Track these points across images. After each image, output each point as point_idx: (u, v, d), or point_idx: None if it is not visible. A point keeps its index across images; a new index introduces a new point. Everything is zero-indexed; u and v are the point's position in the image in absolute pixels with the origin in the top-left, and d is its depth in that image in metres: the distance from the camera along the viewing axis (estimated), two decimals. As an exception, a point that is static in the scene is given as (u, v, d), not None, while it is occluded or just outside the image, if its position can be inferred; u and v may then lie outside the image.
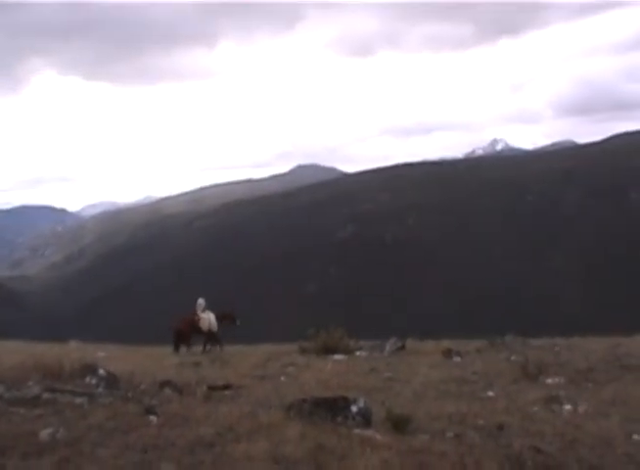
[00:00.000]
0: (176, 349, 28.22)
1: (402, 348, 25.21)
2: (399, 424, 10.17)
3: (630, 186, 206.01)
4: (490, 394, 14.52)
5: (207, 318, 28.56)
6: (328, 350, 24.21)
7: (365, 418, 10.28)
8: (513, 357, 20.25)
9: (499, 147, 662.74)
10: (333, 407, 10.27)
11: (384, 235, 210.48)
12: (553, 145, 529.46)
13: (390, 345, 25.12)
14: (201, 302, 29.39)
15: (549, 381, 16.17)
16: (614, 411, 12.30)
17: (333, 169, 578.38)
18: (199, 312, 28.77)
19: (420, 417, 11.20)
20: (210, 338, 28.75)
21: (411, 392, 14.70)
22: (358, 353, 24.19)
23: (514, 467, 8.70)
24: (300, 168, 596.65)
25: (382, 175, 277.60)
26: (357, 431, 9.66)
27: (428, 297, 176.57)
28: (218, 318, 29.21)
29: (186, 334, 28.45)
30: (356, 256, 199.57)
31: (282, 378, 17.44)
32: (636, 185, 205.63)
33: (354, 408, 10.30)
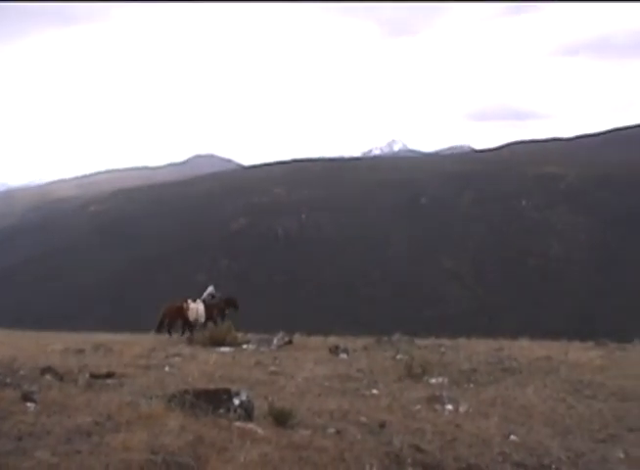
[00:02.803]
0: (159, 330, 28.72)
1: (289, 342, 25.25)
2: (281, 418, 10.14)
3: (522, 193, 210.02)
4: (374, 391, 14.61)
5: (196, 309, 28.71)
6: (215, 342, 24.11)
7: (247, 411, 10.21)
8: (399, 356, 20.43)
9: (397, 148, 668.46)
10: (215, 399, 10.17)
11: (276, 229, 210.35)
12: (450, 149, 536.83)
13: (278, 339, 25.13)
14: (210, 290, 30.31)
15: (433, 381, 16.36)
16: (493, 412, 12.52)
17: (230, 161, 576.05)
18: (189, 301, 28.95)
19: (302, 412, 11.21)
20: (198, 327, 28.76)
21: (295, 387, 14.70)
22: (245, 347, 24.13)
23: (393, 464, 8.75)
24: (197, 158, 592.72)
25: (278, 169, 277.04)
26: (238, 424, 9.57)
27: (318, 292, 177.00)
28: (221, 305, 29.86)
29: (170, 320, 28.74)
30: (248, 248, 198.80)
31: (166, 368, 17.27)
32: (528, 192, 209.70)
33: (236, 401, 10.22)
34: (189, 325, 28.80)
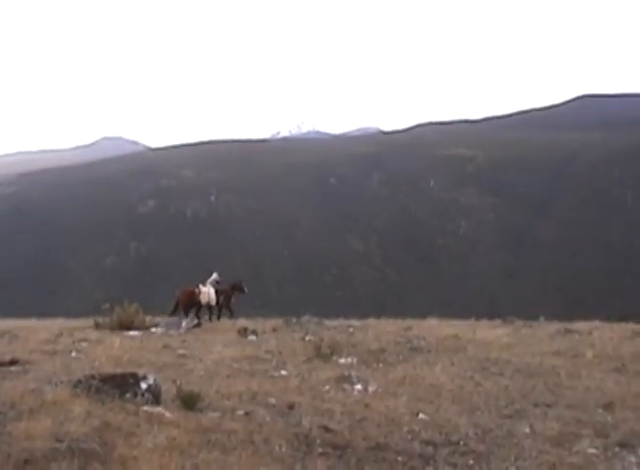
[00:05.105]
0: (173, 314, 29.15)
1: (198, 325, 25.21)
2: (189, 401, 10.06)
3: (430, 174, 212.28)
4: (283, 372, 14.61)
5: (207, 292, 29.53)
6: (123, 325, 23.88)
7: (154, 395, 10.10)
8: (308, 337, 20.50)
9: (305, 129, 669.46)
10: (121, 384, 10.03)
11: (185, 211, 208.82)
12: (358, 130, 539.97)
13: (187, 322, 25.06)
14: (215, 276, 31.09)
15: (342, 361, 16.44)
16: (402, 391, 12.63)
17: (137, 143, 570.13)
18: (200, 286, 29.75)
19: (211, 395, 11.14)
20: (209, 310, 30.03)
21: (203, 369, 14.63)
22: (154, 330, 23.97)
23: (302, 445, 8.76)
24: (105, 141, 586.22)
25: (186, 151, 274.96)
26: (146, 408, 9.47)
27: (228, 275, 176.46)
28: (228, 290, 30.88)
29: (184, 304, 29.38)
30: (157, 231, 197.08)
31: (72, 354, 17.02)
32: (436, 173, 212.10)
33: (144, 385, 10.09)
34: (200, 308, 29.80)
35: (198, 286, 29.80)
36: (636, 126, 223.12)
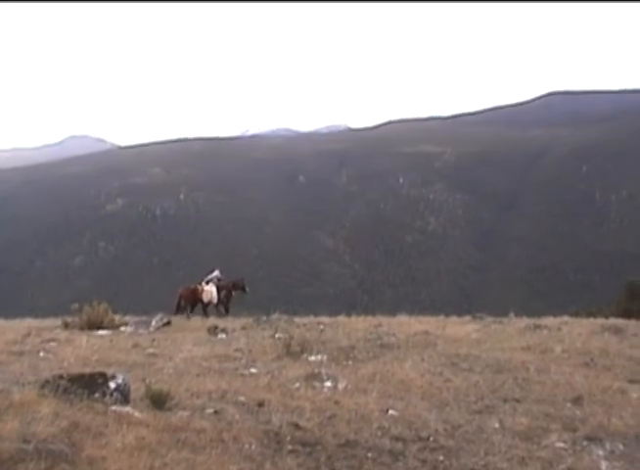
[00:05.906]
0: (177, 312, 29.54)
1: (168, 324, 25.10)
2: (158, 400, 10.01)
3: (399, 171, 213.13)
4: (253, 370, 14.58)
5: (210, 291, 30.26)
6: (92, 325, 23.76)
7: (123, 395, 10.01)
8: (277, 335, 20.49)
9: (275, 127, 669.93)
10: (90, 384, 9.93)
11: (154, 210, 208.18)
12: (327, 128, 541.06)
13: (157, 321, 24.96)
14: (216, 273, 31.68)
15: (312, 358, 16.41)
16: (372, 387, 12.62)
17: (105, 142, 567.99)
18: (203, 284, 30.56)
19: (180, 394, 11.08)
20: (209, 308, 30.72)
21: (173, 368, 14.58)
22: (123, 329, 23.89)
23: (272, 443, 8.75)
24: (72, 139, 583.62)
25: (155, 149, 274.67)
26: (115, 408, 9.40)
27: (196, 273, 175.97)
28: (229, 287, 31.47)
29: (187, 301, 30.18)
30: (125, 229, 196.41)
31: (41, 354, 16.90)
32: (404, 170, 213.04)
33: (112, 385, 10.01)
34: (203, 306, 30.42)
35: (200, 284, 30.45)
36: (603, 123, 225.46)
